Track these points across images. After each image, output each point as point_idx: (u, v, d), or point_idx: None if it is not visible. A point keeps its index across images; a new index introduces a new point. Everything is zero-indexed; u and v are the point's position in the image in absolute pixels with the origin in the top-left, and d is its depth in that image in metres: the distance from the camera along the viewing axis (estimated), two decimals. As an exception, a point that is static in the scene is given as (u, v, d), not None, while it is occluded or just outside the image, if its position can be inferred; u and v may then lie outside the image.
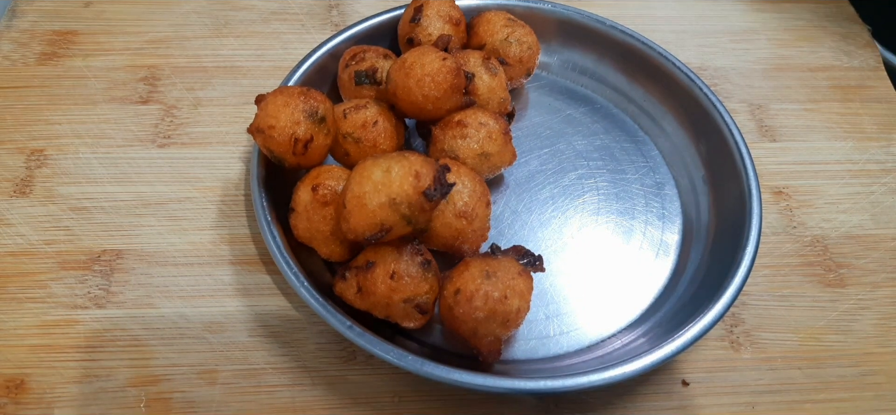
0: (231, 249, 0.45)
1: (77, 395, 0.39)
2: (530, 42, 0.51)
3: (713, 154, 0.49)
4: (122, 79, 0.55)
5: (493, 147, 0.44)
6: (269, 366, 0.41)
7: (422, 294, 0.37)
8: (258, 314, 0.43)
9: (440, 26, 0.49)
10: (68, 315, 0.42)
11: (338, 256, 0.41)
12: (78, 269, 0.44)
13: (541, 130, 0.53)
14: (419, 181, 0.36)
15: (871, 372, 0.43)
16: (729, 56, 0.61)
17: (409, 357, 0.37)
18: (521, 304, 0.37)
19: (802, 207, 0.51)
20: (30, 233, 0.45)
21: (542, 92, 0.56)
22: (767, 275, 0.47)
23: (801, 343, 0.44)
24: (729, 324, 0.44)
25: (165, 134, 0.51)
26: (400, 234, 0.37)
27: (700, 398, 0.41)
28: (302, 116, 0.41)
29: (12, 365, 0.40)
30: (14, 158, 0.49)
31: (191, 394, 0.39)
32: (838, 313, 0.45)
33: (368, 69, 0.47)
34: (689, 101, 0.51)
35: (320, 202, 0.40)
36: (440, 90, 0.43)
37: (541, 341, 0.42)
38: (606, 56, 0.55)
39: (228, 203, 0.48)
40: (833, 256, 0.48)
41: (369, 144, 0.43)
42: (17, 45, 0.56)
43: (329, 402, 0.40)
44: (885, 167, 0.53)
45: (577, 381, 0.36)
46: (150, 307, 0.42)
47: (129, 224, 0.46)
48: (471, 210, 0.40)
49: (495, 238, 0.47)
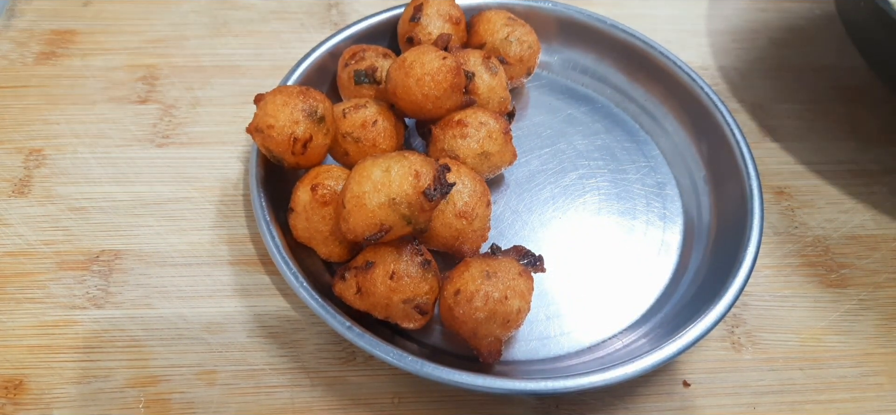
0: (230, 250, 0.45)
1: (76, 395, 0.39)
2: (531, 41, 0.51)
3: (714, 154, 0.49)
4: (121, 78, 0.55)
5: (493, 147, 0.44)
6: (269, 366, 0.41)
7: (422, 294, 0.37)
8: (257, 315, 0.42)
9: (440, 25, 0.49)
10: (67, 316, 0.42)
11: (337, 256, 0.41)
12: (76, 269, 0.44)
13: (541, 129, 0.53)
14: (419, 181, 0.36)
15: (872, 373, 0.43)
16: (730, 56, 0.61)
17: (408, 358, 0.36)
18: (522, 304, 0.37)
19: (804, 208, 0.51)
20: (28, 233, 0.45)
21: (543, 91, 0.55)
22: (769, 275, 0.47)
23: (803, 344, 0.44)
24: (730, 324, 0.44)
25: (164, 134, 0.51)
26: (400, 234, 0.37)
27: (701, 399, 0.41)
28: (301, 116, 0.40)
29: (11, 365, 0.40)
30: (12, 158, 0.49)
31: (190, 394, 0.39)
32: (840, 313, 0.45)
33: (368, 68, 0.47)
34: (690, 100, 0.51)
35: (320, 202, 0.40)
36: (440, 89, 0.42)
37: (541, 341, 0.42)
38: (607, 55, 0.55)
39: (227, 203, 0.48)
40: (834, 256, 0.48)
41: (369, 143, 0.43)
42: (16, 45, 0.56)
43: (328, 402, 0.40)
44: (886, 167, 0.53)
45: (578, 382, 0.36)
46: (149, 308, 0.42)
47: (127, 224, 0.46)
48: (471, 210, 0.40)
49: (495, 238, 0.47)
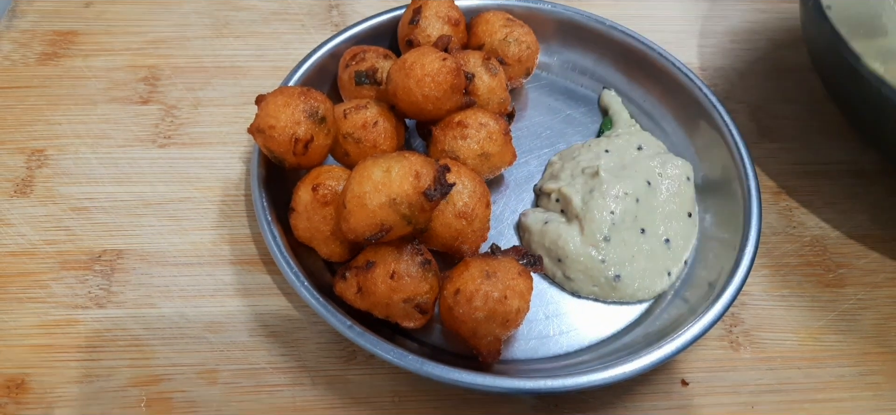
0: (231, 249, 0.45)
1: (78, 395, 0.39)
2: (529, 42, 0.51)
3: (713, 154, 0.49)
4: (123, 79, 0.55)
5: (493, 147, 0.44)
6: (270, 366, 0.41)
7: (422, 294, 0.38)
8: (258, 314, 0.43)
9: (439, 27, 0.49)
10: (69, 315, 0.42)
11: (338, 256, 0.41)
12: (78, 269, 0.44)
13: (541, 130, 0.53)
14: (419, 181, 0.36)
15: (870, 372, 0.43)
16: (729, 56, 0.61)
17: (409, 357, 0.37)
18: (521, 304, 0.37)
19: (802, 208, 0.51)
20: (30, 233, 0.45)
21: (542, 92, 0.56)
22: (767, 275, 0.47)
23: (801, 343, 0.44)
24: (728, 324, 0.44)
25: (166, 134, 0.51)
26: (400, 234, 0.37)
27: (699, 398, 0.41)
28: (302, 116, 0.41)
29: (13, 365, 0.40)
30: (14, 158, 0.49)
31: (191, 394, 0.39)
32: (837, 312, 0.45)
33: (368, 69, 0.47)
34: (688, 101, 0.51)
35: (320, 202, 0.40)
36: (440, 90, 0.43)
37: (540, 340, 0.42)
38: (606, 56, 0.55)
39: (229, 203, 0.48)
40: (832, 256, 0.48)
41: (369, 144, 0.43)
42: (18, 46, 0.56)
43: (329, 402, 0.40)
44: (884, 167, 0.53)
45: (577, 380, 0.37)
46: (151, 307, 0.43)
47: (129, 224, 0.46)
48: (471, 210, 0.40)
49: (495, 238, 0.47)
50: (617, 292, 0.43)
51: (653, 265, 0.44)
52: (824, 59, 0.49)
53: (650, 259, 0.44)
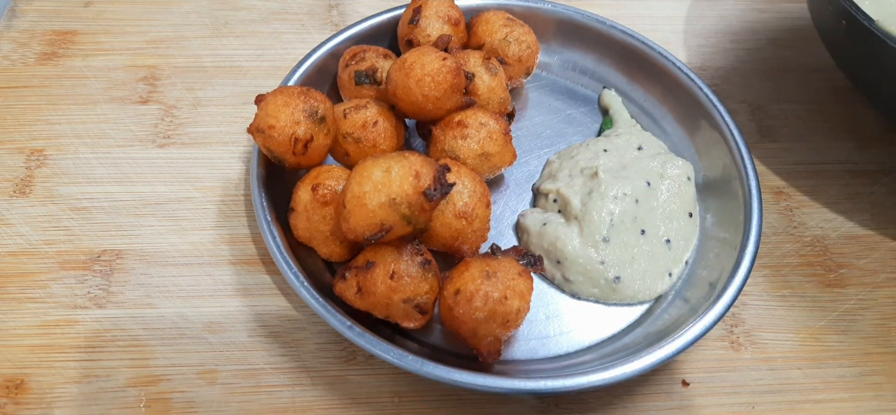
0: (231, 249, 0.45)
1: (77, 395, 0.39)
2: (529, 41, 0.51)
3: (713, 154, 0.49)
4: (122, 79, 0.55)
5: (493, 147, 0.44)
6: (269, 366, 0.41)
7: (422, 294, 0.37)
8: (258, 314, 0.43)
9: (439, 27, 0.49)
10: (68, 315, 0.42)
11: (338, 256, 0.41)
12: (78, 269, 0.44)
13: (541, 129, 0.53)
14: (419, 181, 0.36)
15: (871, 372, 0.43)
16: (729, 56, 0.61)
17: (409, 357, 0.37)
18: (521, 304, 0.37)
19: (802, 207, 0.51)
20: (30, 233, 0.45)
21: (542, 92, 0.56)
22: (767, 275, 0.47)
23: (802, 343, 0.44)
24: (729, 324, 0.44)
25: (165, 134, 0.51)
26: (400, 234, 0.37)
27: (700, 398, 0.41)
28: (302, 116, 0.41)
29: (12, 365, 0.40)
30: (14, 158, 0.49)
31: (191, 394, 0.39)
32: (838, 313, 0.45)
33: (368, 69, 0.47)
34: (689, 101, 0.51)
35: (320, 202, 0.40)
36: (440, 90, 0.43)
37: (541, 341, 0.42)
38: (606, 56, 0.55)
39: (228, 203, 0.48)
40: (833, 256, 0.48)
41: (369, 144, 0.43)
42: (17, 45, 0.56)
43: (329, 402, 0.40)
44: (884, 167, 0.53)
45: (577, 381, 0.37)
46: (150, 307, 0.42)
47: (129, 224, 0.46)
48: (471, 210, 0.40)
49: (495, 238, 0.47)
50: (617, 294, 0.43)
51: (653, 266, 0.44)
52: (833, 30, 0.47)
53: (651, 260, 0.44)
